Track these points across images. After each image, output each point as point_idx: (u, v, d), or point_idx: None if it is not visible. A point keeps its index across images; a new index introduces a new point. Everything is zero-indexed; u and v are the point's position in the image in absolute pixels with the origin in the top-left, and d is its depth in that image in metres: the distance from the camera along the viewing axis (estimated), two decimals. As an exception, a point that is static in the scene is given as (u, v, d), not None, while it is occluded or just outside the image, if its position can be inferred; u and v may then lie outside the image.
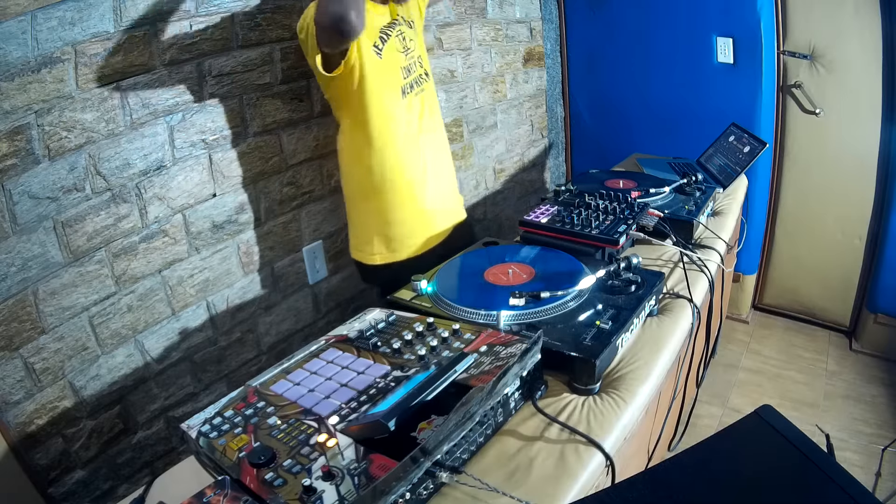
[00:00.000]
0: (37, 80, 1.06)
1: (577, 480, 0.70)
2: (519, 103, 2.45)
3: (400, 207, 1.39)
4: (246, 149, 1.45)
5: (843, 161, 2.08)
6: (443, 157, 1.49)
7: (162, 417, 1.40)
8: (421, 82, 1.41)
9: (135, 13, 1.18)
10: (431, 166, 1.42)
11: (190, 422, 0.75)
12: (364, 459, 0.63)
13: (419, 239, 1.43)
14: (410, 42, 1.40)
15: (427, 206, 1.42)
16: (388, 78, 1.32)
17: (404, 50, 1.37)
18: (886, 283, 2.07)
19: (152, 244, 1.31)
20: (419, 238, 1.43)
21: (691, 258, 1.22)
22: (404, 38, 1.38)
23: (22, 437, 1.14)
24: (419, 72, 1.40)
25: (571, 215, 1.25)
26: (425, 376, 0.71)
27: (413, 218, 1.41)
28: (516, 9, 2.33)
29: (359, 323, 0.96)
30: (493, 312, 0.92)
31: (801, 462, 0.54)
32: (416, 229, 1.42)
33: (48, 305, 1.15)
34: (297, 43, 1.49)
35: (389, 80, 1.32)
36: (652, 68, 2.33)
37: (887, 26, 1.84)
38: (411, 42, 1.40)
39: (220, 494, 0.61)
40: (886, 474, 1.57)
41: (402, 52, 1.36)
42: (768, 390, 2.02)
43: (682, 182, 1.48)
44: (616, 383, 0.87)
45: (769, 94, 2.10)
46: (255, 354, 1.60)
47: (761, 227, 2.31)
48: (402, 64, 1.36)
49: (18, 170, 1.07)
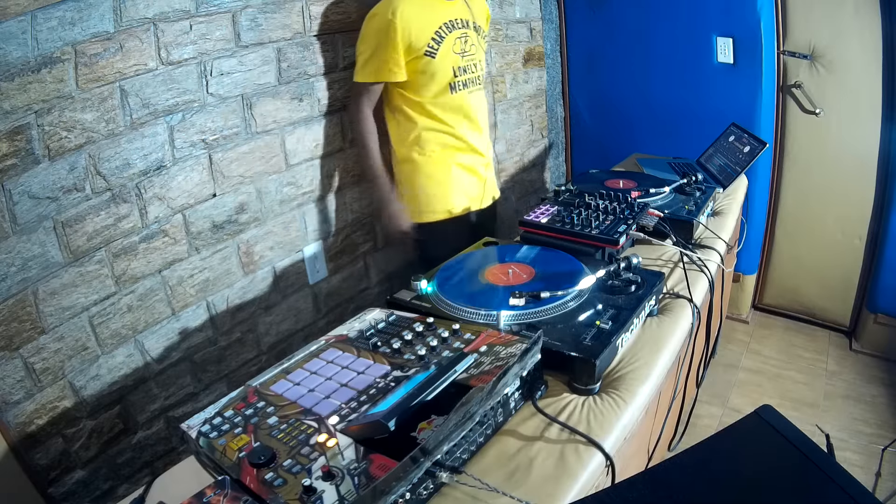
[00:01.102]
0: (37, 80, 1.06)
1: (577, 480, 0.70)
2: (519, 103, 2.45)
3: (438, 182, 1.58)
4: (246, 149, 1.45)
5: (843, 161, 2.08)
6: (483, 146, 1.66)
7: (162, 417, 1.40)
8: (472, 84, 1.56)
9: (135, 13, 1.18)
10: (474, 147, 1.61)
11: (190, 422, 0.75)
12: (364, 459, 0.63)
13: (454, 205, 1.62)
14: (472, 46, 1.53)
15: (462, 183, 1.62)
16: (438, 76, 1.47)
17: (461, 52, 1.50)
18: (886, 283, 2.07)
19: (152, 244, 1.31)
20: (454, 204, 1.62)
21: (691, 258, 1.22)
22: (466, 41, 1.52)
23: (22, 437, 1.14)
24: (472, 76, 1.55)
25: (571, 215, 1.25)
26: (425, 376, 0.71)
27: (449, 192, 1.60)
28: (516, 9, 2.33)
29: (359, 323, 0.96)
30: (493, 312, 0.92)
31: (801, 462, 0.53)
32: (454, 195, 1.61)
33: (48, 305, 1.15)
34: (297, 42, 1.50)
35: (439, 78, 1.47)
36: (652, 68, 2.33)
37: (887, 26, 1.84)
38: (472, 47, 1.54)
39: (220, 494, 0.61)
40: (886, 474, 1.57)
41: (459, 54, 1.50)
42: (768, 390, 2.02)
43: (682, 182, 1.48)
44: (616, 383, 0.87)
45: (769, 94, 2.10)
46: (255, 354, 1.60)
47: (761, 227, 2.31)
48: (456, 64, 1.49)
49: (18, 170, 1.07)
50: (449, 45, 1.47)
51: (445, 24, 1.46)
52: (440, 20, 1.45)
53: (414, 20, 1.39)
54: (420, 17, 1.40)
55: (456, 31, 1.48)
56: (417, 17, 1.40)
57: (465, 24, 1.52)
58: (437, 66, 1.45)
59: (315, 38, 1.54)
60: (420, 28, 1.41)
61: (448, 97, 1.51)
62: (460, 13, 1.51)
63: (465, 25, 1.51)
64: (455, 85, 1.51)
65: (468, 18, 1.53)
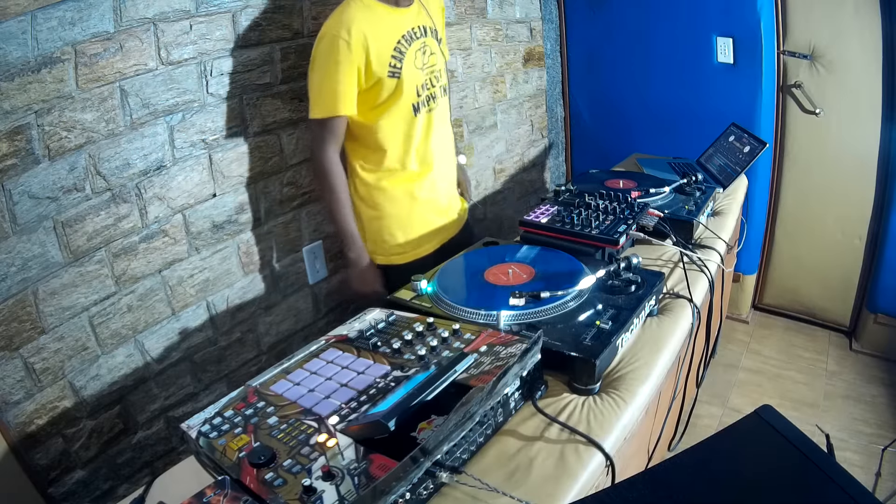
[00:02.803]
0: (37, 80, 1.06)
1: (577, 480, 0.70)
2: (519, 103, 2.45)
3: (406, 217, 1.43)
4: (246, 149, 1.45)
5: (843, 161, 2.08)
6: (447, 167, 1.51)
7: (162, 417, 1.40)
8: (435, 98, 1.39)
9: (135, 13, 1.18)
10: (437, 174, 1.45)
11: (190, 422, 0.75)
12: (364, 459, 0.63)
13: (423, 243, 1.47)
14: (431, 56, 1.36)
15: (431, 215, 1.47)
16: (402, 99, 1.30)
17: (422, 66, 1.33)
18: (886, 283, 2.07)
19: (152, 244, 1.31)
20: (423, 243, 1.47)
21: (691, 258, 1.22)
22: (426, 51, 1.34)
23: (22, 437, 1.14)
24: (434, 90, 1.39)
25: (571, 215, 1.25)
26: (425, 376, 0.71)
27: (419, 225, 1.45)
28: (516, 9, 2.33)
29: (359, 323, 0.96)
30: (493, 312, 0.92)
31: (801, 462, 0.54)
32: (421, 234, 1.46)
33: (48, 305, 1.15)
34: (297, 43, 1.50)
35: (403, 101, 1.31)
36: (652, 68, 2.33)
37: (887, 26, 1.84)
38: (432, 56, 1.37)
39: (220, 494, 0.61)
40: (886, 474, 1.57)
41: (421, 69, 1.33)
42: (768, 390, 2.02)
43: (682, 182, 1.48)
44: (616, 383, 0.87)
45: (769, 94, 2.10)
46: (255, 354, 1.60)
47: (761, 227, 2.31)
48: (419, 81, 1.33)
49: (18, 170, 1.07)
50: (411, 61, 1.29)
51: (404, 36, 1.28)
52: (398, 32, 1.27)
53: (371, 36, 1.20)
54: (376, 33, 1.22)
55: (415, 42, 1.31)
56: (374, 32, 1.21)
57: (424, 31, 1.34)
58: (403, 86, 1.28)
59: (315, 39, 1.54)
60: (378, 45, 1.22)
61: (411, 121, 1.34)
62: (418, 20, 1.33)
63: (424, 33, 1.34)
64: (418, 105, 1.34)
65: (426, 24, 1.35)
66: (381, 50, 1.24)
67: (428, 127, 1.39)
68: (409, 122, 1.34)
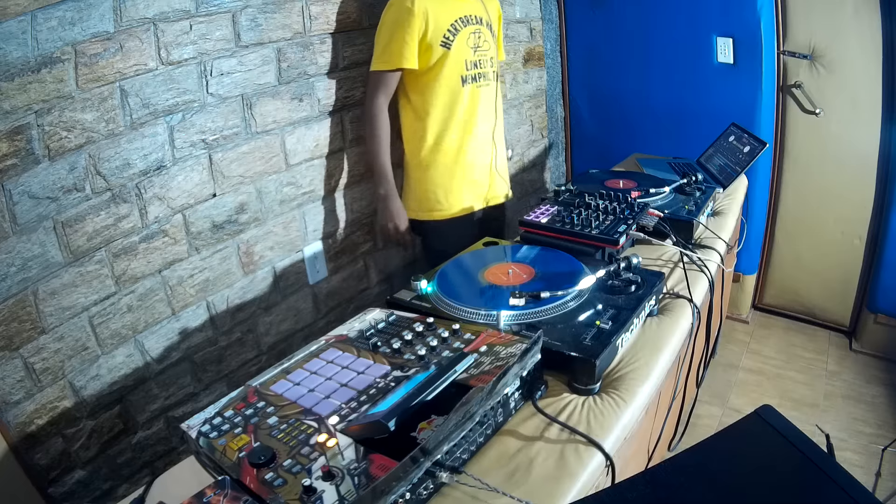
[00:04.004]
0: (37, 80, 1.06)
1: (577, 480, 0.70)
2: (519, 103, 2.45)
3: (448, 179, 1.61)
4: (246, 149, 1.45)
5: (843, 161, 2.08)
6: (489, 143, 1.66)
7: (162, 417, 1.40)
8: (485, 76, 1.58)
9: (135, 13, 1.18)
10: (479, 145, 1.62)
11: (190, 422, 0.75)
12: (364, 459, 0.63)
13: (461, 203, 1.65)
14: (484, 42, 1.57)
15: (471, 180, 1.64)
16: (450, 68, 1.50)
17: (474, 46, 1.54)
18: (886, 283, 2.07)
19: (152, 244, 1.31)
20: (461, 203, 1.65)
21: (691, 258, 1.22)
22: (479, 36, 1.55)
23: (22, 437, 1.14)
24: (485, 69, 1.58)
25: (571, 215, 1.25)
26: (425, 376, 0.71)
27: (458, 188, 1.62)
28: (516, 9, 2.33)
29: (359, 323, 0.96)
30: (493, 312, 0.92)
31: (801, 462, 0.54)
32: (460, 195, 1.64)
33: (48, 305, 1.15)
34: (297, 42, 1.50)
35: (452, 69, 1.51)
36: (652, 68, 2.33)
37: (887, 26, 1.84)
38: (485, 43, 1.58)
39: (220, 494, 0.61)
40: (886, 474, 1.57)
41: (473, 48, 1.54)
42: (768, 390, 2.02)
43: (682, 182, 1.48)
44: (616, 383, 0.87)
45: (769, 94, 2.10)
46: (255, 354, 1.60)
47: (761, 227, 2.31)
48: (468, 57, 1.53)
49: (18, 170, 1.07)
50: (463, 39, 1.51)
51: (461, 18, 1.50)
52: (456, 14, 1.50)
53: (431, 10, 1.44)
54: (437, 9, 1.45)
55: (470, 26, 1.52)
56: (435, 8, 1.45)
57: (479, 20, 1.56)
58: (452, 57, 1.49)
59: (315, 38, 1.54)
60: (437, 19, 1.45)
61: (460, 90, 1.54)
62: (475, 10, 1.55)
63: (479, 22, 1.56)
64: (466, 78, 1.54)
65: (482, 16, 1.57)
66: (438, 23, 1.46)
67: (474, 100, 1.57)
68: (455, 91, 1.54)
